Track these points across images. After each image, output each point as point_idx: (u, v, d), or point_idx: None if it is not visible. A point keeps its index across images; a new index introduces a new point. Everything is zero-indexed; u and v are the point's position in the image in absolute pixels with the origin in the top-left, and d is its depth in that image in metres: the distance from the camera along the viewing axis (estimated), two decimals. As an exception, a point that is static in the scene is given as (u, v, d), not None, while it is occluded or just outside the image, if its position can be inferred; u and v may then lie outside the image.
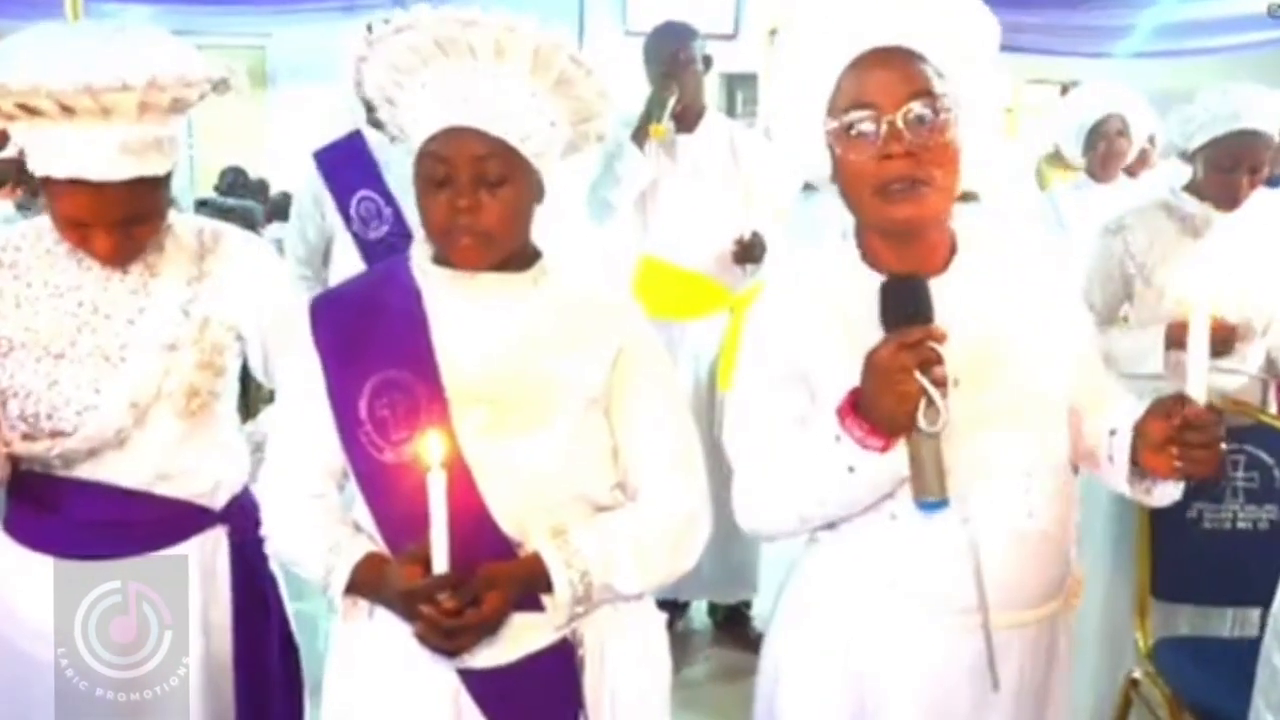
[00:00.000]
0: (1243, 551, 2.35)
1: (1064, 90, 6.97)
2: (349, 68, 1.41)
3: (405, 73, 1.37)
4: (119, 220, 1.45)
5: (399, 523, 1.38)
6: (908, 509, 1.34)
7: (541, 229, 1.46)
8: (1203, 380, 1.28)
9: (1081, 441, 1.46)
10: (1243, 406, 2.49)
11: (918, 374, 1.22)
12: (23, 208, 4.03)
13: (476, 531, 1.34)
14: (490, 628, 1.34)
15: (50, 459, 1.51)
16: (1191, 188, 2.72)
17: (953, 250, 1.43)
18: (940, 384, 1.23)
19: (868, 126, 1.32)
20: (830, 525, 1.44)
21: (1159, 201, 2.77)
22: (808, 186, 5.35)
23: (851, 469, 1.30)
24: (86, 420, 1.49)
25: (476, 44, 1.32)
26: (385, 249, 2.64)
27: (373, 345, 1.41)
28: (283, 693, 1.71)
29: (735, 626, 3.44)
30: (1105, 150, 3.66)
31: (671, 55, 3.18)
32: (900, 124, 1.31)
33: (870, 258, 1.41)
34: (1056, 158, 4.02)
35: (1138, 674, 2.37)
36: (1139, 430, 1.37)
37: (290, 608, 1.76)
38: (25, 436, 1.50)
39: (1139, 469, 1.39)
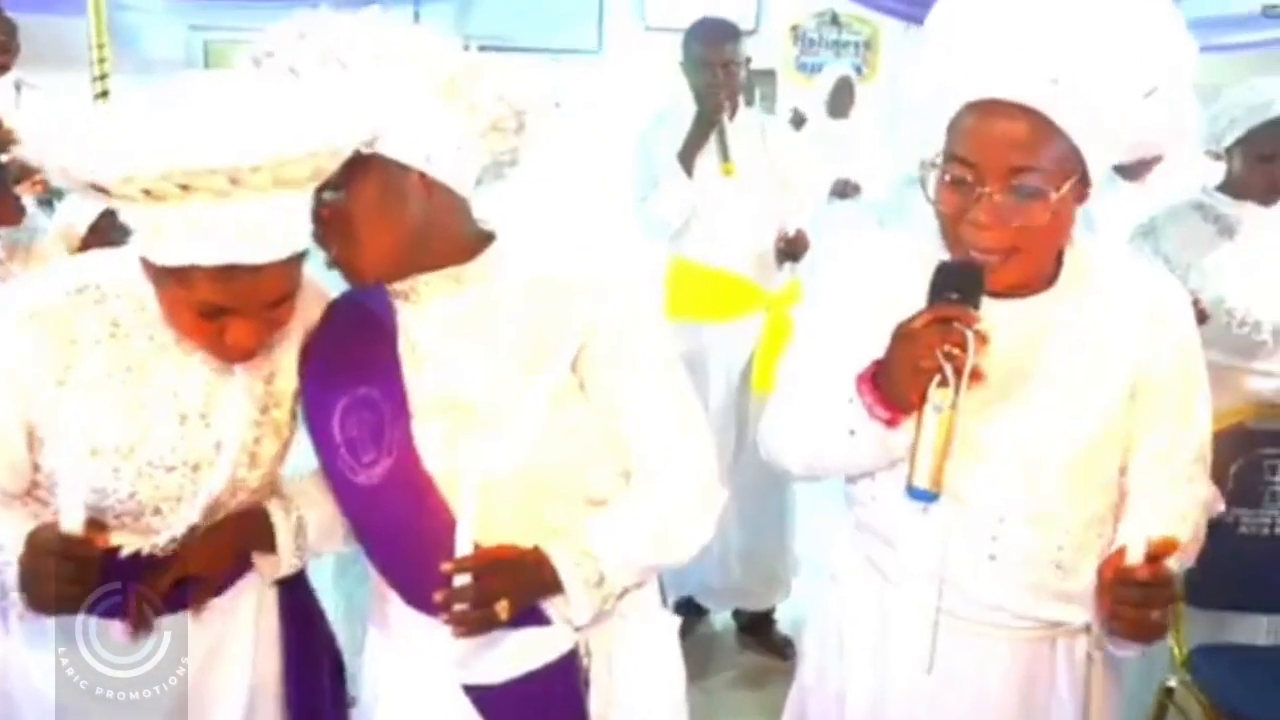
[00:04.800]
0: (1281, 558, 2.30)
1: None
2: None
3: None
4: (270, 303, 1.27)
5: (379, 546, 1.38)
6: (888, 491, 1.37)
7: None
8: (1143, 533, 1.21)
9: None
10: (1276, 410, 2.44)
11: (940, 353, 1.20)
12: (44, 203, 4.01)
13: (451, 550, 1.26)
14: (496, 611, 1.25)
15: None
16: (1225, 187, 2.68)
17: (1051, 280, 1.37)
18: (959, 370, 1.20)
19: (964, 184, 1.26)
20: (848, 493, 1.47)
21: (1191, 202, 2.73)
22: (834, 194, 5.37)
23: (852, 433, 1.32)
24: (158, 524, 1.38)
25: (345, 57, 1.24)
26: None
27: (347, 364, 1.39)
28: (334, 712, 1.67)
29: (760, 630, 3.40)
30: None
31: (722, 64, 3.09)
32: (997, 198, 1.23)
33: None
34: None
35: (1173, 683, 2.33)
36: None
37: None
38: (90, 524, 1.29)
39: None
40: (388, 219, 1.27)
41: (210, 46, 5.97)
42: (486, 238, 1.38)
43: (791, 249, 3.17)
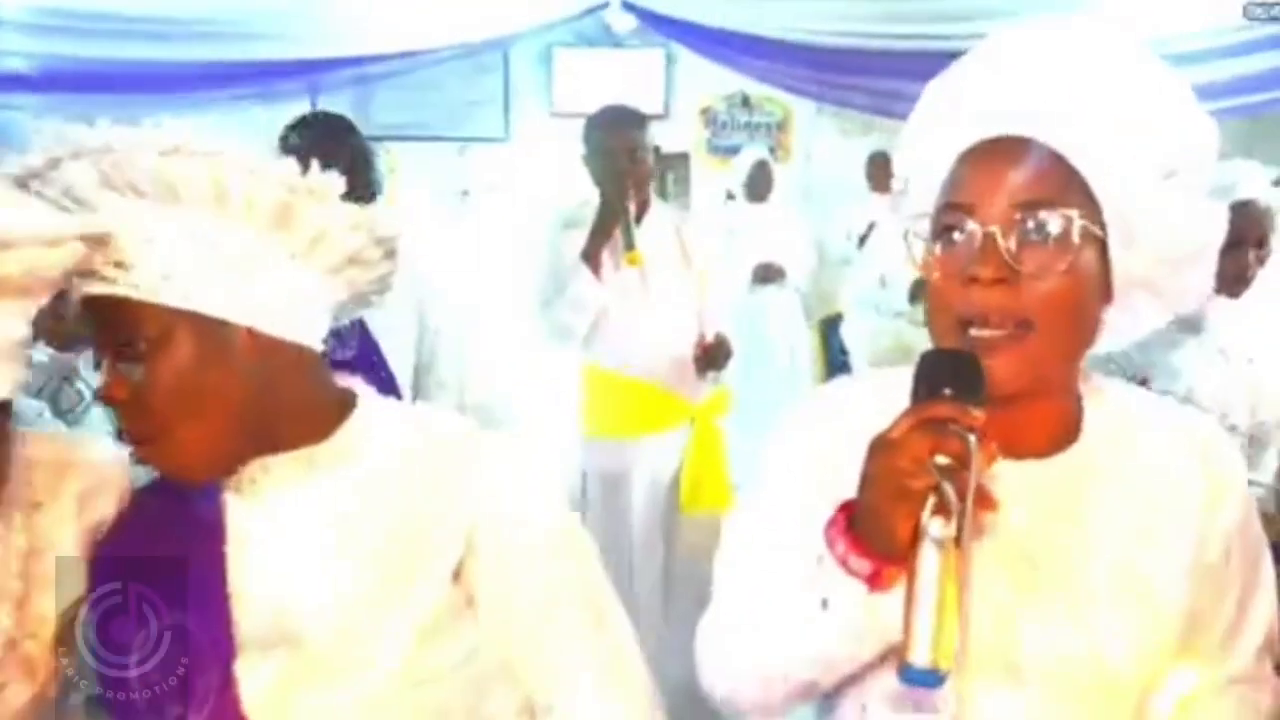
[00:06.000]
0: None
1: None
2: None
3: None
4: None
5: None
6: (881, 698, 1.01)
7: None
8: None
9: None
10: (1268, 522, 2.24)
11: (933, 465, 0.85)
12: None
13: None
14: None
15: None
16: (1184, 277, 2.52)
17: (1073, 431, 1.06)
18: (961, 491, 0.85)
19: (960, 236, 0.97)
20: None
21: (1148, 294, 2.55)
22: (758, 280, 5.18)
23: (825, 604, 0.93)
24: None
25: (138, 182, 0.95)
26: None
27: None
28: None
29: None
30: None
31: (628, 152, 2.85)
32: (999, 239, 0.94)
33: None
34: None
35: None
36: None
37: None
38: None
39: None
40: (209, 395, 0.96)
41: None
42: (345, 403, 1.07)
43: (710, 356, 2.91)
